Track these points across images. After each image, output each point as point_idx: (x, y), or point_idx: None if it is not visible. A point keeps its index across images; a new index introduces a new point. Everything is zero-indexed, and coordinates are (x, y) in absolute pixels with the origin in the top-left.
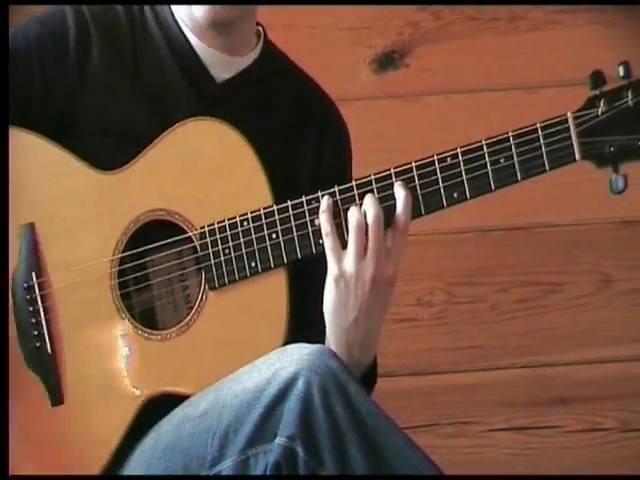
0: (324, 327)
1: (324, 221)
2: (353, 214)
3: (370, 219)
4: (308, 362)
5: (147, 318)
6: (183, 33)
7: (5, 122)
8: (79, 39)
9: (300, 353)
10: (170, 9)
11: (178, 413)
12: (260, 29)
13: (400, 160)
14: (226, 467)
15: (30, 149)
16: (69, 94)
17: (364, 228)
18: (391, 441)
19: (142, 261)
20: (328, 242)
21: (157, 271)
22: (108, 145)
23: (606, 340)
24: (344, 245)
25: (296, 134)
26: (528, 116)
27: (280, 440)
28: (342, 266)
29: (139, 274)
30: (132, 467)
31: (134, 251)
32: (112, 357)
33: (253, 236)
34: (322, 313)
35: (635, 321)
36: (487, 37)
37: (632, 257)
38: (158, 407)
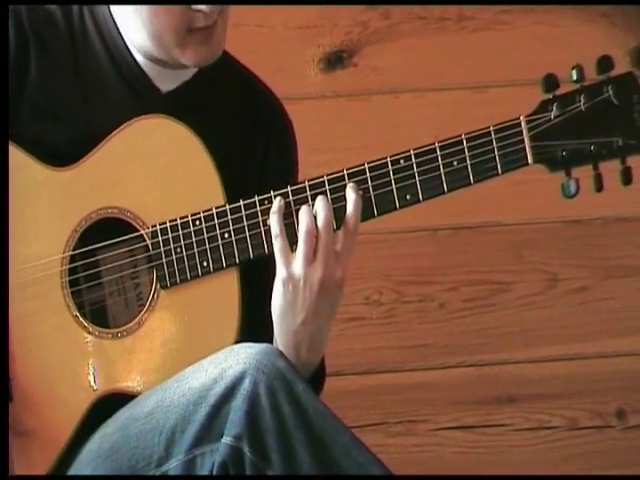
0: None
1: (274, 223)
2: (303, 218)
3: (320, 222)
4: (255, 361)
5: (98, 316)
6: (128, 48)
7: (5, 125)
8: (18, 46)
9: (247, 352)
10: (113, 20)
11: (124, 413)
12: None
13: (348, 159)
14: (173, 467)
15: None
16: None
17: (314, 232)
18: (338, 440)
19: (93, 259)
20: (277, 244)
21: (108, 269)
22: (49, 150)
23: (553, 339)
24: (295, 242)
25: (243, 135)
26: (476, 116)
27: (227, 439)
28: (291, 269)
29: (90, 272)
30: (78, 468)
31: (84, 249)
32: (62, 355)
33: (205, 235)
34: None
35: (582, 320)
36: (436, 37)
37: (579, 256)
38: (108, 406)
